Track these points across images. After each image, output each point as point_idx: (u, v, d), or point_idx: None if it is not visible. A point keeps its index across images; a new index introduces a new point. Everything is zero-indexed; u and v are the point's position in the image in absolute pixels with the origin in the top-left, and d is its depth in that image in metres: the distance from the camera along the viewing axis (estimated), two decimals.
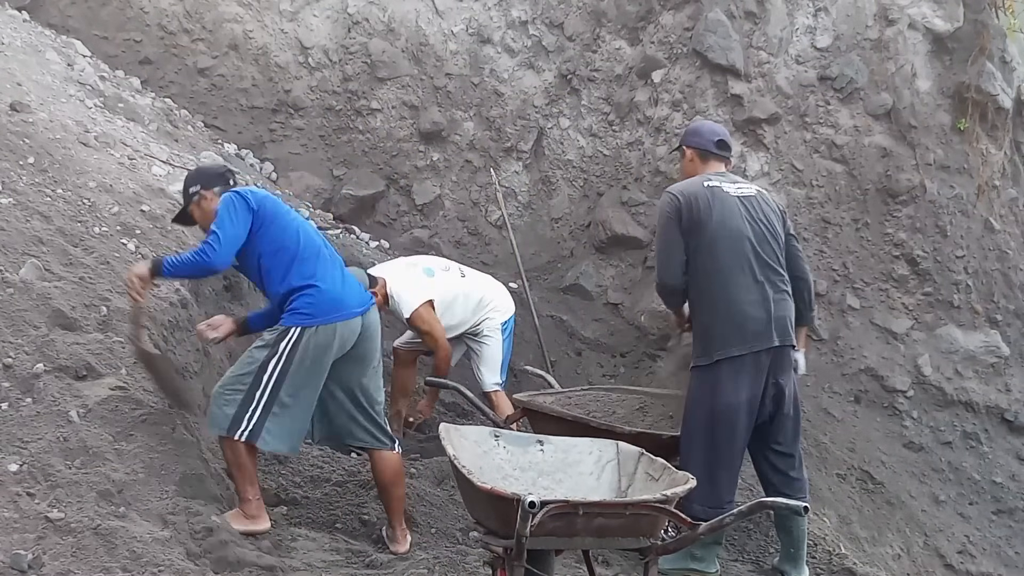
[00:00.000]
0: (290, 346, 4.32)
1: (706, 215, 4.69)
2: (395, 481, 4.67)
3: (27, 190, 5.21)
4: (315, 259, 4.45)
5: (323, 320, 4.35)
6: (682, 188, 4.82)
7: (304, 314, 4.36)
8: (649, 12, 8.51)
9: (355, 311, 4.44)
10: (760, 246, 4.74)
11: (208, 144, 7.95)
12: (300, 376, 4.34)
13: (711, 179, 4.85)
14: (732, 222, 4.70)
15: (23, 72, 6.58)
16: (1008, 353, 8.21)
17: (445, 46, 8.71)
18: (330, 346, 4.37)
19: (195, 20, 8.54)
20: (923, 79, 8.37)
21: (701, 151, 4.97)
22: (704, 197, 4.73)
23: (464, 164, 8.71)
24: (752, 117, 8.18)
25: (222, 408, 4.33)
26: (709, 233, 4.68)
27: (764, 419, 4.76)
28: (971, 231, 8.28)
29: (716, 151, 4.98)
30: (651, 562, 3.49)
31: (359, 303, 4.49)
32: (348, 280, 4.55)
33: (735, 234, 4.70)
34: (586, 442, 3.97)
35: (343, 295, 4.43)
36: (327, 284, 4.41)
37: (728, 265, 4.67)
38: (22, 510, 3.65)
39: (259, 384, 4.31)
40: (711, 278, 4.69)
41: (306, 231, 4.53)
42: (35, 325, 4.44)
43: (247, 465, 4.34)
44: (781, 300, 4.75)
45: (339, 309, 4.39)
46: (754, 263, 4.69)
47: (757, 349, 4.63)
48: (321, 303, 4.36)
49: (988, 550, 7.67)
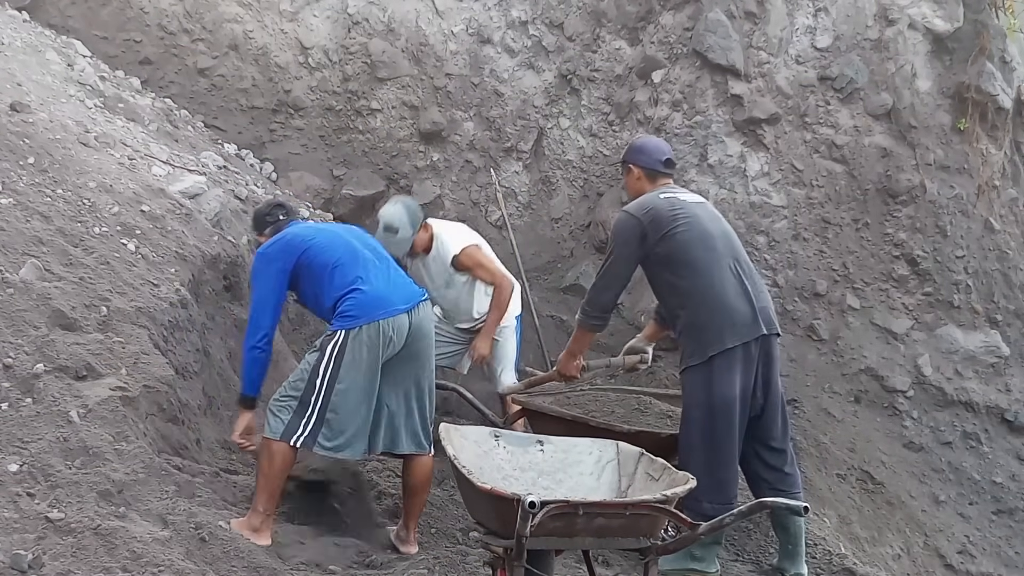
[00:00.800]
0: (338, 348, 4.34)
1: (672, 222, 4.79)
2: (425, 486, 4.70)
3: (27, 190, 5.21)
4: (354, 264, 4.50)
5: (368, 319, 4.36)
6: (639, 205, 4.92)
7: (349, 316, 4.38)
8: (649, 12, 8.51)
9: (400, 308, 4.45)
10: (729, 243, 4.87)
11: (208, 144, 7.95)
12: (351, 377, 4.33)
13: (664, 192, 4.97)
14: (698, 224, 4.81)
15: (23, 72, 6.58)
16: (1008, 353, 8.21)
17: (445, 46, 8.71)
18: (377, 344, 4.36)
19: (195, 20, 8.54)
20: (923, 79, 8.37)
21: (648, 170, 5.08)
22: (664, 207, 4.84)
23: (464, 164, 8.71)
24: (752, 117, 8.18)
25: (278, 415, 4.34)
26: (679, 237, 4.77)
27: (756, 412, 4.80)
28: (971, 231, 8.28)
29: (663, 170, 5.10)
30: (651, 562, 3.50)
31: (405, 300, 4.49)
32: (396, 280, 4.58)
33: (704, 234, 4.80)
34: (586, 442, 3.97)
35: (387, 293, 4.46)
36: (369, 285, 4.44)
37: (706, 263, 4.74)
38: (22, 510, 3.65)
39: (312, 389, 4.32)
40: (692, 279, 4.75)
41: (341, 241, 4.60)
42: (35, 325, 4.44)
43: (275, 477, 4.30)
44: (760, 291, 4.87)
45: (383, 307, 4.41)
46: (728, 259, 4.80)
47: (747, 340, 4.69)
48: (364, 304, 4.39)
49: (988, 550, 7.66)
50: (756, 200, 8.15)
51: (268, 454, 4.31)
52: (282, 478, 4.35)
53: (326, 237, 4.63)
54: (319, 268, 4.51)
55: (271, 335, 4.59)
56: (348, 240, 4.64)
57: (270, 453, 4.30)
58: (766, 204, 8.16)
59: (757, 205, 8.15)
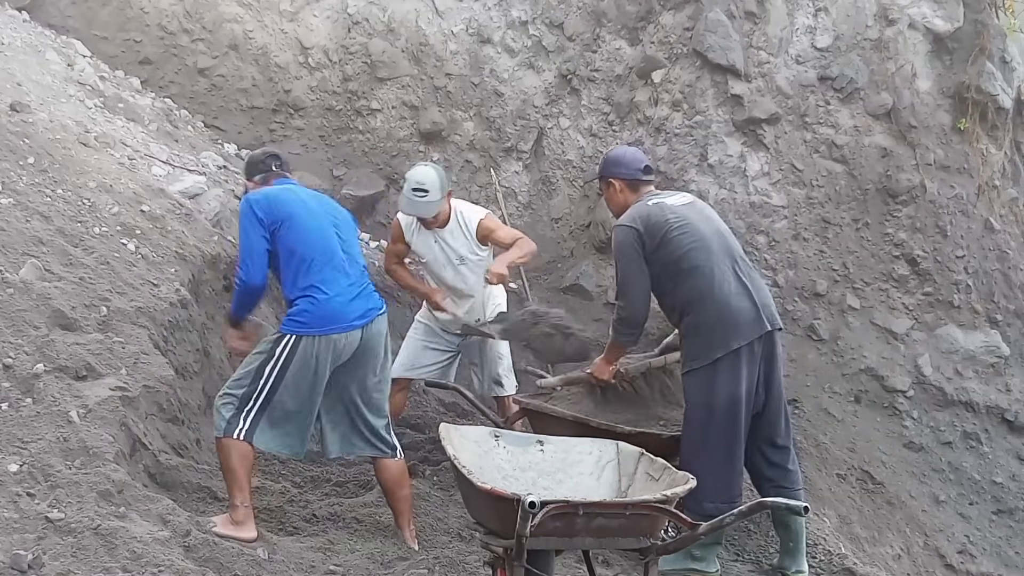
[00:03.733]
0: (286, 352, 4.37)
1: (666, 228, 4.77)
2: (399, 483, 4.71)
3: (27, 190, 5.21)
4: (325, 266, 4.46)
5: (318, 331, 4.38)
6: (632, 215, 4.89)
7: (299, 322, 4.41)
8: (649, 12, 8.51)
9: (354, 324, 4.45)
10: (724, 242, 4.86)
11: (208, 144, 7.96)
12: (296, 382, 4.38)
13: (651, 199, 4.95)
14: (692, 228, 4.80)
15: (23, 72, 6.58)
16: (1008, 353, 8.21)
17: (445, 46, 8.71)
18: (325, 357, 4.39)
19: (195, 20, 8.54)
20: (923, 79, 8.37)
21: (630, 181, 5.04)
22: (656, 214, 4.83)
23: (464, 164, 8.71)
24: (752, 117, 8.18)
25: (220, 411, 4.38)
26: (676, 243, 4.76)
27: (758, 409, 4.79)
28: (971, 231, 8.27)
29: (644, 178, 5.07)
30: (651, 562, 3.50)
31: (360, 315, 4.48)
32: (357, 290, 4.53)
33: (699, 236, 4.78)
34: (586, 442, 3.97)
35: (343, 307, 4.43)
36: (330, 293, 4.42)
37: (705, 265, 4.73)
38: (22, 510, 3.65)
39: (255, 386, 4.36)
40: (692, 282, 4.74)
41: (324, 236, 4.53)
42: (35, 325, 4.44)
43: (236, 470, 4.34)
44: (760, 287, 4.87)
45: (335, 321, 4.41)
46: (725, 258, 4.79)
47: (751, 339, 4.68)
48: (317, 313, 4.39)
49: (988, 550, 7.66)
50: (756, 200, 8.15)
51: (222, 451, 4.38)
52: (244, 469, 4.38)
53: (309, 218, 4.53)
54: (288, 253, 4.46)
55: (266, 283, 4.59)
56: (327, 234, 4.55)
57: (223, 449, 4.37)
58: (766, 204, 8.16)
59: (757, 205, 8.15)
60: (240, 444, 4.35)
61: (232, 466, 4.34)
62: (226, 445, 4.35)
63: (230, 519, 4.30)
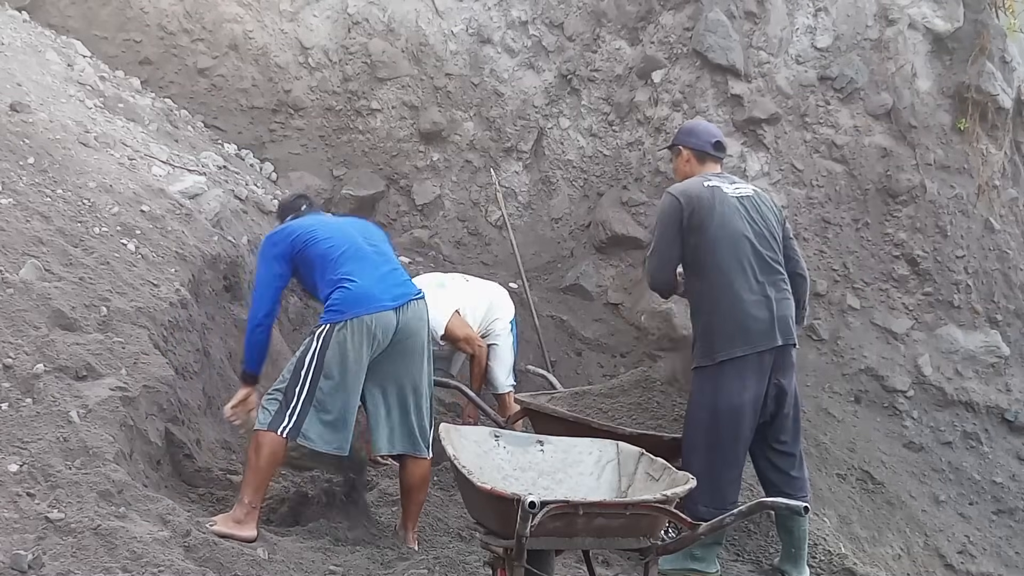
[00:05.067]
0: (322, 342, 4.38)
1: (708, 216, 4.70)
2: (421, 487, 4.73)
3: (27, 190, 5.20)
4: (349, 259, 4.53)
5: (352, 315, 4.39)
6: (684, 189, 4.82)
7: (334, 311, 4.43)
8: (649, 12, 8.51)
9: (387, 304, 4.46)
10: (760, 246, 4.75)
11: (208, 144, 7.95)
12: (336, 371, 4.36)
13: (710, 179, 4.86)
14: (733, 223, 4.71)
15: (23, 72, 6.58)
16: (1008, 353, 8.21)
17: (445, 46, 8.71)
18: (361, 340, 4.38)
19: (195, 20, 8.54)
20: (923, 79, 8.37)
21: (698, 152, 4.99)
22: (706, 198, 4.74)
23: (464, 164, 8.71)
24: (752, 117, 8.18)
25: (266, 407, 4.39)
26: (711, 234, 4.69)
27: (766, 419, 4.77)
28: (971, 231, 8.28)
29: (713, 152, 5.00)
30: (651, 562, 3.50)
31: (393, 297, 4.50)
32: (389, 277, 4.58)
33: (735, 235, 4.70)
34: (586, 442, 3.97)
35: (374, 290, 4.46)
36: (359, 281, 4.46)
37: (730, 266, 4.67)
38: (22, 510, 3.65)
39: (297, 381, 4.36)
40: (713, 279, 4.69)
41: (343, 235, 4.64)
42: (35, 325, 4.44)
43: (262, 470, 4.33)
44: (783, 299, 4.76)
45: (368, 303, 4.43)
46: (755, 263, 4.70)
47: (760, 349, 4.64)
48: (349, 299, 4.42)
49: (988, 550, 7.67)
50: None
51: (256, 445, 4.35)
52: (269, 471, 4.38)
53: (328, 230, 4.67)
54: (317, 259, 4.56)
55: (272, 316, 4.66)
56: (350, 233, 4.67)
57: (258, 444, 4.34)
58: None
59: None
60: (276, 442, 4.31)
61: (260, 465, 4.32)
62: (263, 440, 4.31)
63: (232, 516, 4.28)
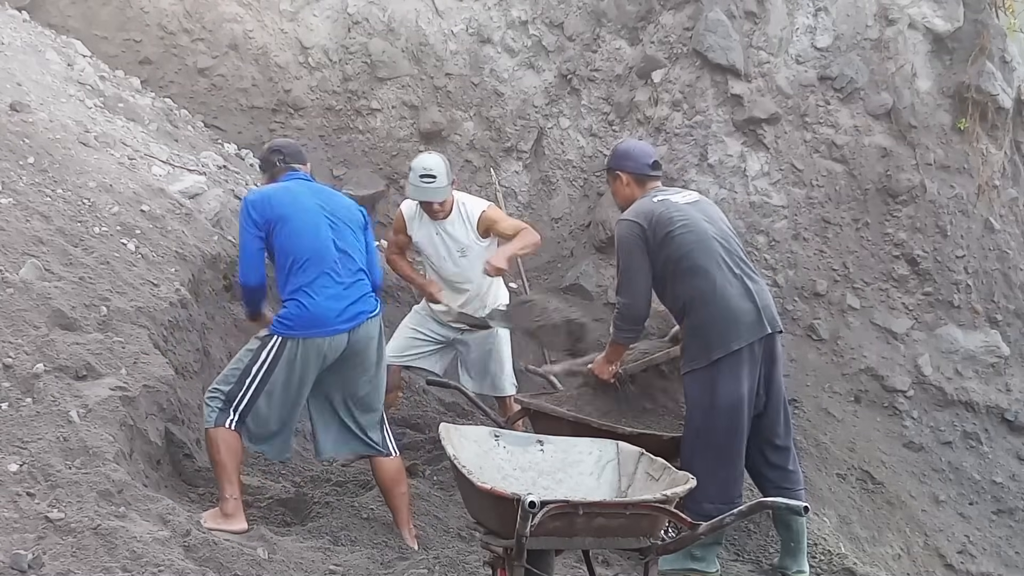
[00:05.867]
0: (272, 353, 4.43)
1: (670, 225, 4.75)
2: (396, 481, 4.73)
3: (27, 190, 5.21)
4: (315, 268, 4.48)
5: (302, 334, 4.43)
6: (637, 210, 4.87)
7: (286, 324, 4.46)
8: (649, 12, 8.51)
9: (339, 328, 4.47)
10: (727, 243, 4.84)
11: (208, 144, 7.95)
12: (281, 383, 4.43)
13: (657, 195, 4.93)
14: (695, 227, 4.78)
15: (23, 72, 6.58)
16: (1008, 353, 8.21)
17: (445, 46, 8.71)
18: (309, 359, 4.44)
19: (195, 20, 8.54)
20: (923, 79, 8.37)
21: (637, 175, 5.00)
22: (662, 211, 4.80)
23: (464, 164, 8.71)
24: (752, 117, 8.17)
25: (209, 404, 4.46)
26: (679, 240, 4.74)
27: (759, 410, 4.79)
28: (971, 231, 8.27)
29: (652, 173, 5.03)
30: (651, 562, 3.50)
31: (348, 318, 4.50)
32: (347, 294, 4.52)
33: (703, 235, 4.77)
34: (586, 442, 3.97)
35: (329, 313, 4.45)
36: (317, 298, 4.45)
37: (707, 265, 4.71)
38: (22, 510, 3.65)
39: (243, 383, 4.43)
40: (695, 281, 4.72)
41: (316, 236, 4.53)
42: (35, 325, 4.44)
43: (225, 463, 4.40)
44: (761, 289, 4.85)
45: (320, 325, 4.45)
46: (728, 259, 4.78)
47: (751, 340, 4.67)
48: (303, 317, 4.44)
49: (988, 550, 7.66)
50: (756, 200, 8.15)
51: (211, 444, 4.44)
52: (234, 462, 4.43)
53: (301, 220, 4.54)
54: (282, 254, 4.52)
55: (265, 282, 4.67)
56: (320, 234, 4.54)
57: (212, 442, 4.42)
58: (766, 204, 8.15)
59: (757, 205, 8.15)
60: (229, 436, 4.40)
61: (221, 460, 4.40)
62: (215, 437, 4.40)
63: (219, 512, 4.35)
